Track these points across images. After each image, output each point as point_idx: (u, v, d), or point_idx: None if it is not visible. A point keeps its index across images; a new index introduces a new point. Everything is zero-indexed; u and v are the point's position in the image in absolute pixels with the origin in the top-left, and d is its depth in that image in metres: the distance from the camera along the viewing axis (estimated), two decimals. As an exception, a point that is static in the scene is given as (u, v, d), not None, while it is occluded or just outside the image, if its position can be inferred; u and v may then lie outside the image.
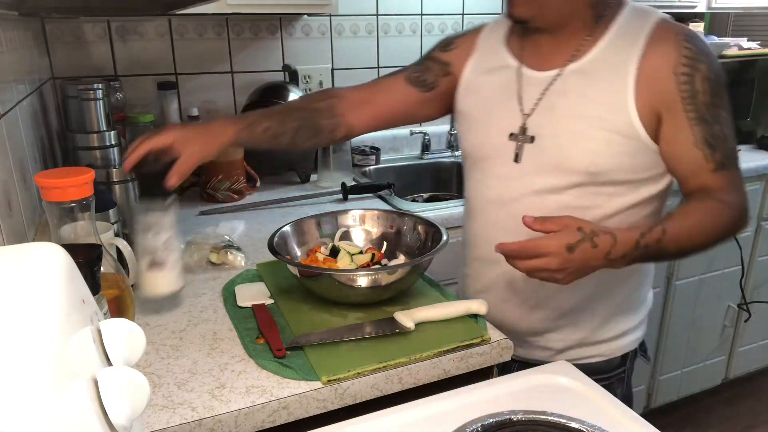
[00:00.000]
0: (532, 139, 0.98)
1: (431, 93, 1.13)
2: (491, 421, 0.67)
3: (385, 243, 1.16)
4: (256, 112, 1.10)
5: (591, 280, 0.94)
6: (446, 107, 1.15)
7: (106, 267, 0.84)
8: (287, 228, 1.12)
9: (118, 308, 0.87)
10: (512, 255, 0.84)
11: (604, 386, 1.05)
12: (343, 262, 1.06)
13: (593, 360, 1.07)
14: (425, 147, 2.15)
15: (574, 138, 0.95)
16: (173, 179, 0.99)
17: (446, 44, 1.14)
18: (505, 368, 1.02)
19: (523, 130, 0.99)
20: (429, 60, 1.14)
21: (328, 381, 0.81)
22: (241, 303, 1.03)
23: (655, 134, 0.93)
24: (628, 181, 0.96)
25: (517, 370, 1.08)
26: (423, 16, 2.12)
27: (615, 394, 1.07)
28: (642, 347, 1.15)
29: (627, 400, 1.13)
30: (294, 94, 1.79)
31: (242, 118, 1.09)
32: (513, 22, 1.00)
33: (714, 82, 0.91)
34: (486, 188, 1.06)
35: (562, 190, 0.97)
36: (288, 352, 0.87)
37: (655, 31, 0.93)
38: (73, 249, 0.51)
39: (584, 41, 0.96)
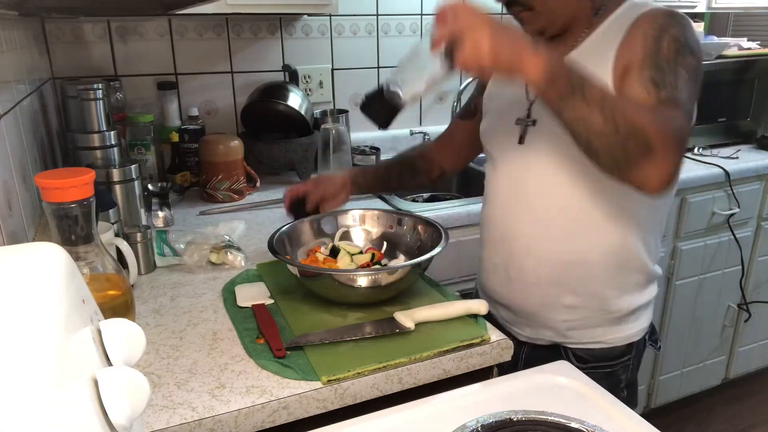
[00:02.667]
0: (534, 123, 1.04)
1: (479, 114, 1.21)
2: (491, 421, 0.67)
3: (385, 243, 1.16)
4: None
5: (593, 260, 1.02)
6: None
7: (107, 267, 0.84)
8: (287, 228, 1.12)
9: (118, 308, 0.87)
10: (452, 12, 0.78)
11: (608, 373, 1.10)
12: (343, 262, 1.06)
13: (597, 346, 1.10)
14: (425, 147, 2.15)
15: None
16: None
17: None
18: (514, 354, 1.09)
19: (528, 114, 1.05)
20: (475, 90, 1.28)
21: (328, 381, 0.81)
22: (241, 303, 1.03)
23: None
24: None
25: (527, 353, 1.14)
26: (423, 16, 2.12)
27: (619, 381, 1.12)
28: (652, 336, 1.17)
29: (631, 386, 1.16)
30: (294, 94, 1.79)
31: (356, 169, 1.42)
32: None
33: (682, 44, 0.89)
34: (496, 172, 1.13)
35: (563, 173, 1.01)
36: (288, 352, 0.87)
37: (640, 17, 0.94)
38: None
39: (583, 32, 1.01)
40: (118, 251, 1.06)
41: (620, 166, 0.82)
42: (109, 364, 0.43)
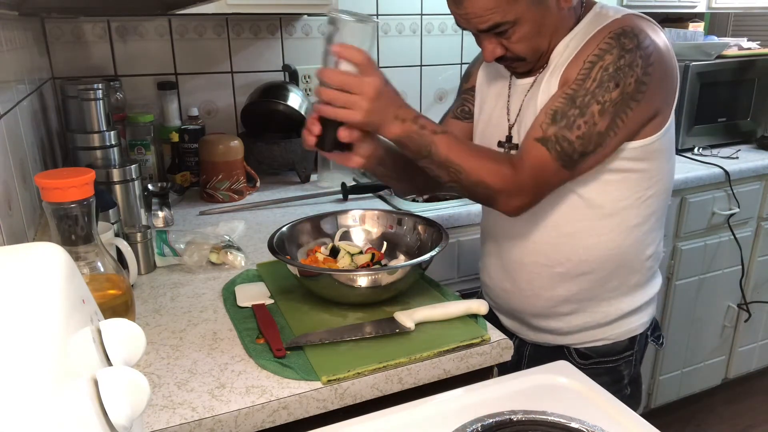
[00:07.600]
0: (516, 147, 1.04)
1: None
2: (491, 421, 0.67)
3: (385, 243, 1.16)
4: None
5: (586, 269, 1.03)
6: None
7: (107, 267, 0.84)
8: (287, 228, 1.12)
9: (118, 308, 0.86)
10: (325, 81, 0.84)
11: (610, 368, 1.11)
12: (343, 262, 1.06)
13: (599, 344, 1.10)
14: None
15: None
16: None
17: (467, 74, 1.21)
18: (517, 352, 1.14)
19: (509, 138, 1.06)
20: (463, 93, 1.21)
21: (328, 381, 0.81)
22: (241, 303, 1.03)
23: None
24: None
25: (531, 353, 1.16)
26: (423, 16, 2.12)
27: (622, 377, 1.13)
28: (654, 332, 1.17)
29: (634, 383, 1.16)
30: (294, 94, 1.79)
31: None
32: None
33: (611, 75, 0.88)
34: None
35: None
36: (288, 352, 0.87)
37: (595, 34, 0.93)
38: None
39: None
40: (118, 251, 1.06)
41: (478, 201, 0.99)
42: (109, 364, 0.43)
